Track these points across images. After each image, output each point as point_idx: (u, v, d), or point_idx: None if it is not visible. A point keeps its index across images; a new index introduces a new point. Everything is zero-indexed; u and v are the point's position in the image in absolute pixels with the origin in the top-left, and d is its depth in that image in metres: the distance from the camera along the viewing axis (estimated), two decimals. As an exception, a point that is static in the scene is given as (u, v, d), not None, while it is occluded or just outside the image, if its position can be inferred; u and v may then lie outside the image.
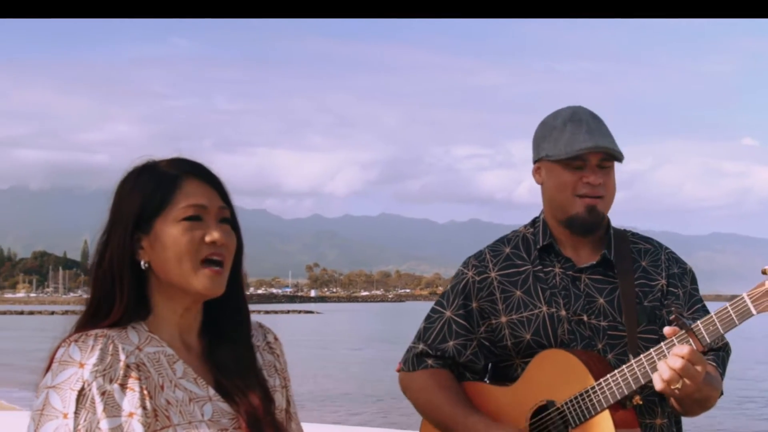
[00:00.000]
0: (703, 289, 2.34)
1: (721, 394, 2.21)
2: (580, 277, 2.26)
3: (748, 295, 1.92)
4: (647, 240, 2.37)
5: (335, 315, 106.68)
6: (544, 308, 2.23)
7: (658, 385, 2.00)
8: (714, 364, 2.19)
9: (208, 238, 1.54)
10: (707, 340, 1.97)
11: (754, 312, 1.91)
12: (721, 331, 1.96)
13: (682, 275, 2.30)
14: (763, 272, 1.87)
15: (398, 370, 2.39)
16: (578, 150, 2.18)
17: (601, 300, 2.23)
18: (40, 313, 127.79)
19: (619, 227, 2.36)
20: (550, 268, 2.28)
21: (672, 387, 1.98)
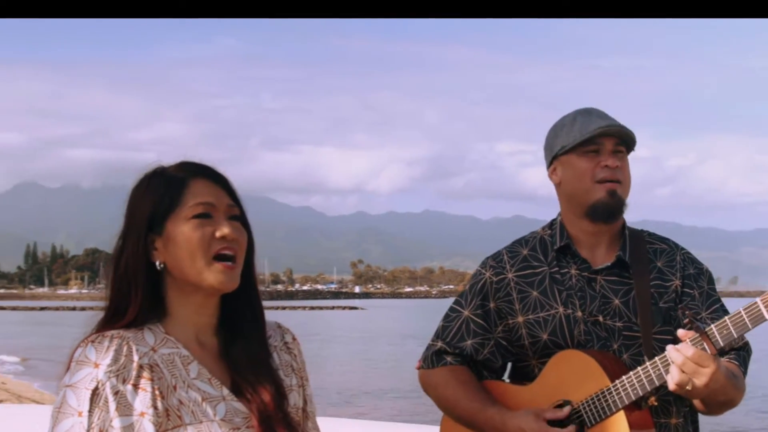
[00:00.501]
0: (747, 284, 2.36)
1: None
2: (596, 279, 2.26)
3: (762, 300, 1.93)
4: (663, 240, 2.35)
5: (379, 311, 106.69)
6: (561, 309, 2.24)
7: (671, 387, 2.01)
8: (736, 362, 2.18)
9: (218, 234, 1.57)
10: (721, 343, 1.97)
11: (767, 317, 1.92)
12: (734, 335, 1.96)
13: (698, 276, 2.29)
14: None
15: (418, 368, 2.41)
16: (593, 130, 2.20)
17: (617, 301, 2.23)
18: (91, 308, 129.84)
19: (635, 227, 2.35)
20: (567, 270, 2.28)
21: (683, 388, 1.99)
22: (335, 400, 20.29)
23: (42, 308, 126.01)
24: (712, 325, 1.98)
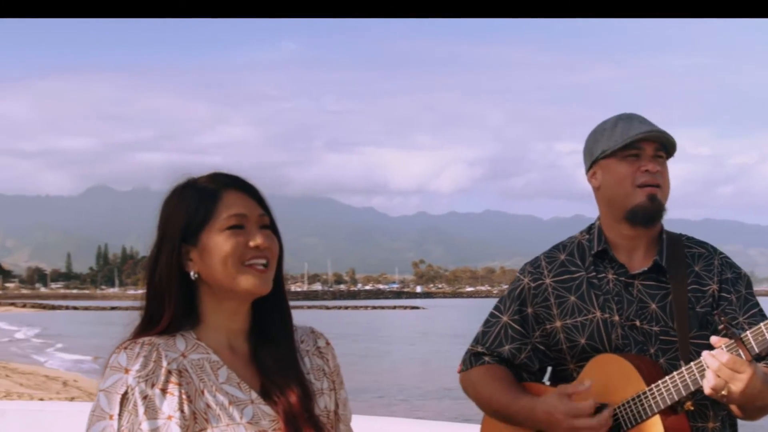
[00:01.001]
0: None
1: None
2: (633, 283, 2.25)
3: None
4: (702, 245, 2.34)
5: (440, 311, 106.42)
6: (598, 313, 2.24)
7: (707, 392, 1.99)
8: None
9: (252, 244, 1.62)
10: (756, 349, 1.95)
11: None
12: None
13: (735, 280, 2.26)
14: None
15: (459, 371, 2.42)
16: (635, 135, 2.19)
17: (654, 305, 2.22)
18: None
19: (673, 232, 2.34)
20: (604, 274, 2.28)
21: (719, 394, 1.97)
22: (395, 399, 20.19)
23: (112, 308, 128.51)
24: (747, 332, 1.95)
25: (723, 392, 1.96)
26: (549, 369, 2.38)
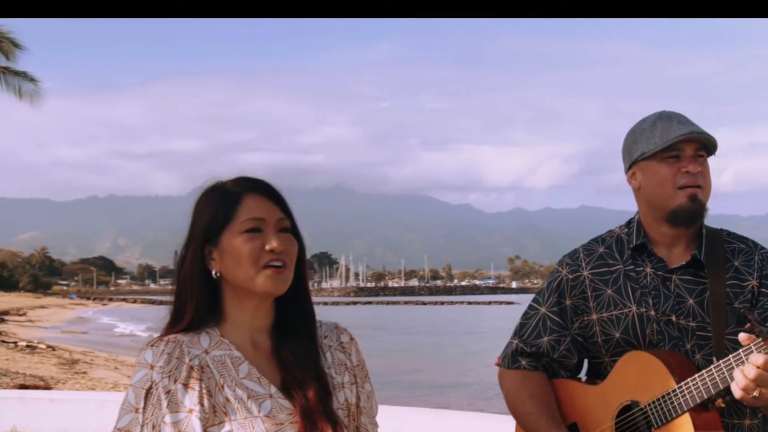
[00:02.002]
0: None
1: None
2: (671, 278, 2.22)
3: None
4: (742, 240, 2.28)
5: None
6: (634, 307, 2.21)
7: (736, 393, 1.94)
8: None
9: (267, 247, 1.66)
10: None
11: None
12: None
13: None
14: None
15: (497, 364, 2.41)
16: (674, 138, 2.15)
17: (691, 301, 2.19)
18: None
19: (714, 227, 2.29)
20: (642, 268, 2.25)
21: (749, 395, 1.91)
22: (489, 393, 19.90)
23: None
24: None
25: (754, 393, 1.90)
26: (585, 362, 2.36)
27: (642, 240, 2.25)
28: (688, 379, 2.04)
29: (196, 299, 1.67)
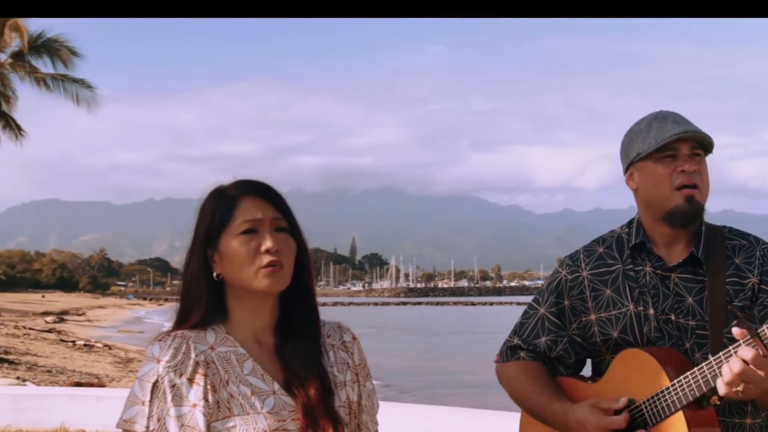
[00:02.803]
0: None
1: None
2: (670, 276, 2.18)
3: None
4: (744, 236, 2.24)
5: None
6: (632, 307, 2.19)
7: (720, 389, 1.91)
8: None
9: (263, 247, 1.67)
10: None
11: None
12: None
13: None
14: None
15: (495, 362, 2.41)
16: (669, 137, 2.12)
17: (690, 299, 2.15)
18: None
19: (716, 224, 2.26)
20: (641, 267, 2.22)
21: (733, 389, 1.88)
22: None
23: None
24: (765, 326, 1.85)
25: (738, 388, 1.87)
26: (588, 361, 2.34)
27: (641, 239, 2.23)
28: (681, 377, 2.01)
29: (203, 302, 1.70)
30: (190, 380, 1.63)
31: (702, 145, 2.16)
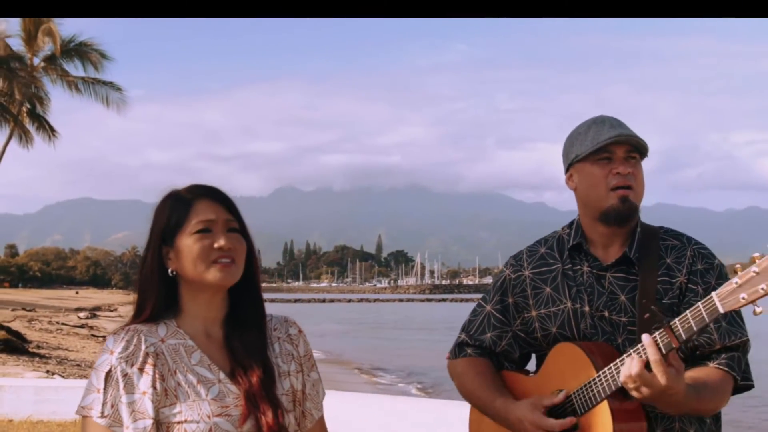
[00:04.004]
0: None
1: (750, 387, 2.19)
2: (605, 275, 2.26)
3: (717, 295, 1.89)
4: (678, 236, 2.30)
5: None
6: (569, 304, 2.27)
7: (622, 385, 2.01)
8: (725, 368, 2.13)
9: (216, 245, 1.79)
10: (683, 336, 1.92)
11: (721, 310, 1.87)
12: (695, 329, 1.91)
13: (705, 271, 2.21)
14: (734, 271, 1.87)
15: (447, 358, 2.50)
16: (605, 140, 2.20)
17: (623, 297, 2.22)
18: (339, 300, 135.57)
19: (652, 225, 2.32)
20: (579, 267, 2.30)
21: (629, 386, 1.97)
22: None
23: (296, 300, 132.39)
24: (676, 320, 1.94)
25: (631, 386, 1.96)
26: (533, 355, 2.42)
27: (579, 240, 2.30)
28: (605, 369, 2.08)
29: (155, 295, 1.81)
30: (141, 370, 1.74)
31: (637, 148, 2.24)
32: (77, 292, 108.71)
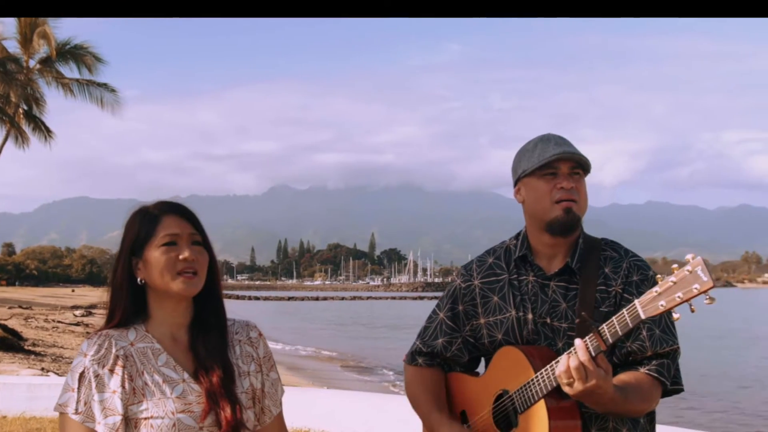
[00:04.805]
0: None
1: (679, 391, 2.32)
2: (549, 284, 2.38)
3: (639, 302, 2.01)
4: (616, 248, 2.42)
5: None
6: (514, 312, 2.39)
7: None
8: (654, 374, 2.25)
9: (181, 257, 1.95)
10: (610, 340, 2.06)
11: (642, 316, 2.00)
12: (620, 333, 2.04)
13: (640, 282, 2.32)
14: (655, 282, 2.01)
15: (403, 360, 2.65)
16: (549, 157, 2.33)
17: (564, 304, 2.35)
18: (332, 298, 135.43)
19: (594, 237, 2.44)
20: (525, 276, 2.42)
21: (563, 382, 2.09)
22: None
23: (289, 298, 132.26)
24: (604, 325, 2.07)
25: (565, 381, 2.09)
26: (483, 359, 2.54)
27: (524, 252, 2.43)
28: (542, 370, 2.21)
29: (124, 302, 1.97)
30: (111, 371, 1.90)
31: (581, 165, 2.36)
32: (73, 290, 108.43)
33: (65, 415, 1.90)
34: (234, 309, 2.06)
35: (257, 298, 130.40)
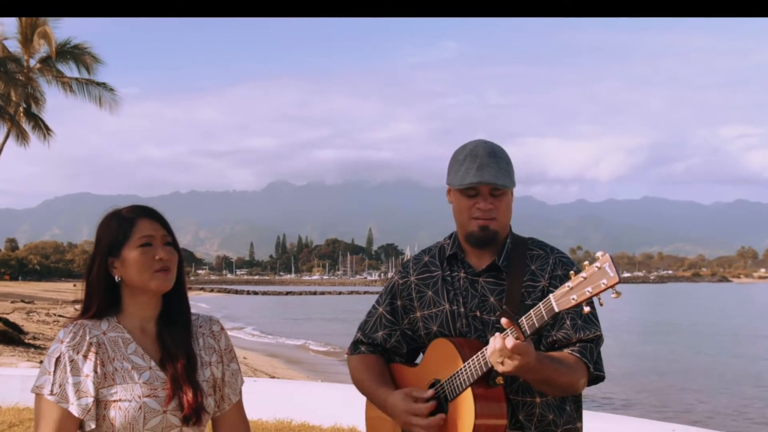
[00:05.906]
0: None
1: (601, 379, 2.42)
2: (478, 280, 2.51)
3: (553, 296, 2.14)
4: (542, 246, 2.55)
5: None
6: (447, 306, 2.52)
7: (489, 361, 2.23)
8: (577, 354, 2.36)
9: (157, 257, 2.12)
10: (528, 332, 2.18)
11: (556, 309, 2.12)
12: (537, 325, 2.17)
13: (564, 277, 2.38)
14: (569, 277, 2.12)
15: (346, 354, 2.80)
16: (467, 184, 2.42)
17: (492, 299, 2.47)
18: (330, 293, 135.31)
19: (522, 236, 2.57)
20: (456, 273, 2.55)
21: (496, 361, 2.19)
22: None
23: (287, 293, 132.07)
24: (522, 318, 2.20)
25: (497, 359, 2.18)
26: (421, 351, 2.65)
27: (455, 250, 2.56)
28: (469, 360, 2.32)
29: (99, 297, 2.14)
30: (85, 356, 2.07)
31: (498, 188, 2.44)
32: (75, 285, 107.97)
33: (41, 396, 2.06)
34: (233, 304, 2.21)
35: (256, 293, 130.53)
